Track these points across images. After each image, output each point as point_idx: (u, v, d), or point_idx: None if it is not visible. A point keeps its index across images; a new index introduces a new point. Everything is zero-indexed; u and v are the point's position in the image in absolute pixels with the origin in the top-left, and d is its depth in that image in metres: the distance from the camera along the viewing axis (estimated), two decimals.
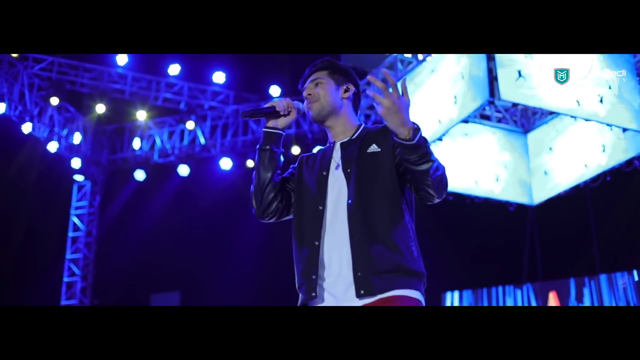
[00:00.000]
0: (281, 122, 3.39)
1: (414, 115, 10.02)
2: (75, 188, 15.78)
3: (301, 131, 14.20)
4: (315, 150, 3.50)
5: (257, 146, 3.40)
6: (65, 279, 14.99)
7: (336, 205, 3.19)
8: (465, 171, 11.90)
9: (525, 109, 12.14)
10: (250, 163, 14.75)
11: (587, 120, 10.10)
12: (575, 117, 10.16)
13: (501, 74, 9.58)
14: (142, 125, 15.34)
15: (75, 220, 15.53)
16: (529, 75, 9.70)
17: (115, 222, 15.66)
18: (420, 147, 2.97)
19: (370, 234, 3.07)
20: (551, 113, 11.19)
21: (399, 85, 2.96)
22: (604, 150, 11.17)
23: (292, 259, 3.30)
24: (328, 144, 3.45)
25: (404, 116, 2.94)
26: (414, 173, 3.03)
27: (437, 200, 3.08)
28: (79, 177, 15.44)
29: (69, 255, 15.16)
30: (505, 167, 12.20)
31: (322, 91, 3.38)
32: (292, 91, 14.40)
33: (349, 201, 3.14)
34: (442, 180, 3.06)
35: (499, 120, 12.36)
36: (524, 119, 12.49)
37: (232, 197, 14.93)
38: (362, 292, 3.00)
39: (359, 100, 3.55)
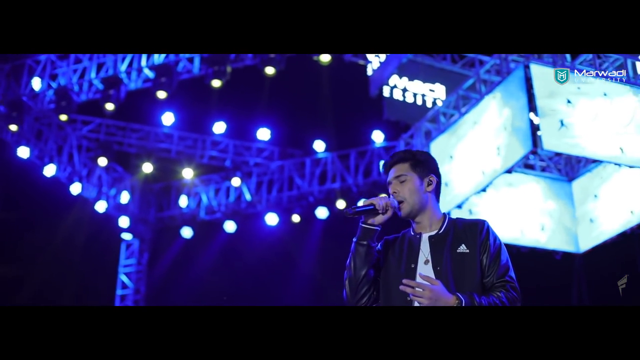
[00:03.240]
0: (378, 219, 3.51)
1: (458, 167, 9.87)
2: (123, 246, 16.06)
3: (345, 185, 14.30)
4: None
5: (354, 239, 3.55)
6: None
7: None
8: (511, 221, 11.82)
9: (569, 157, 12.01)
10: (295, 218, 14.92)
11: (631, 167, 10.00)
12: (619, 165, 10.05)
13: (543, 123, 9.49)
14: (189, 183, 15.60)
15: (124, 278, 15.74)
16: (572, 124, 9.59)
17: (163, 280, 15.81)
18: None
19: None
20: (595, 161, 11.09)
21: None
22: None
23: None
24: (413, 234, 3.60)
25: (445, 298, 3.21)
26: None
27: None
28: (127, 236, 15.71)
29: None
30: (551, 216, 12.08)
31: (408, 189, 3.55)
32: (336, 145, 14.54)
33: None
34: (514, 303, 3.32)
35: (543, 169, 12.26)
36: (568, 167, 12.36)
37: (278, 252, 15.02)
38: None
39: (440, 187, 3.68)
